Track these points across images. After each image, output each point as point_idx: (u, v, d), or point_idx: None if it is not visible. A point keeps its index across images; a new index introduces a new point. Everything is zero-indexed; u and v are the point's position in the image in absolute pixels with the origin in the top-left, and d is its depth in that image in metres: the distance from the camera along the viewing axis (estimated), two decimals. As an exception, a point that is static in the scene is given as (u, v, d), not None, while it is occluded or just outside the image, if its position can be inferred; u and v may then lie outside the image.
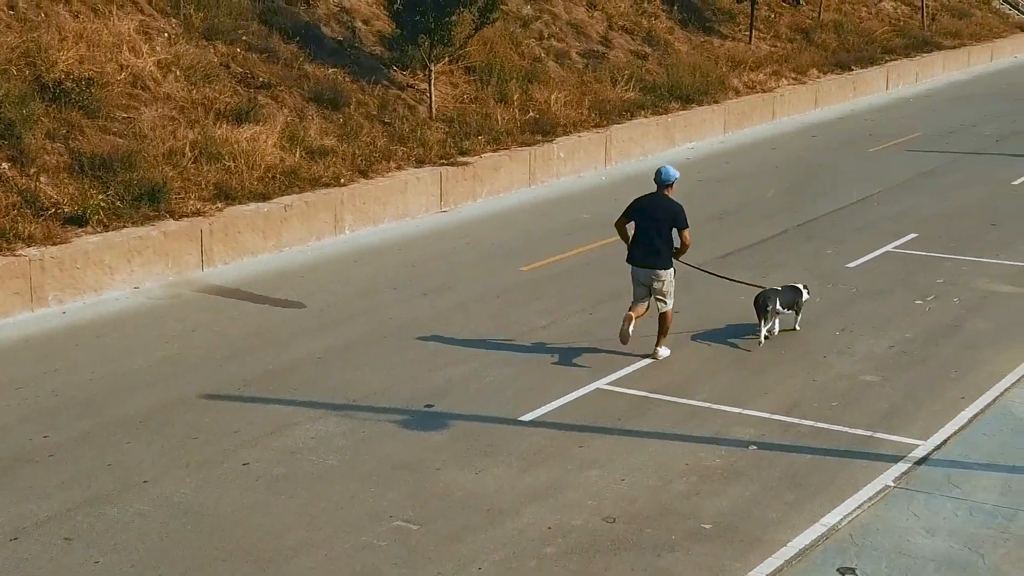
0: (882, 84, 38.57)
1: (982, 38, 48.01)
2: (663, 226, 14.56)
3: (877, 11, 47.06)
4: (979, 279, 17.99)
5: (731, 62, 35.08)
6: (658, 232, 14.55)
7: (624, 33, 33.90)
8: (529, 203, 23.27)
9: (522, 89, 27.67)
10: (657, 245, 14.57)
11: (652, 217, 14.63)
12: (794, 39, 40.02)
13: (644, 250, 14.62)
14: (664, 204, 14.72)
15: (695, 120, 29.68)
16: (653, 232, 14.55)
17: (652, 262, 14.54)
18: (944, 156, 27.65)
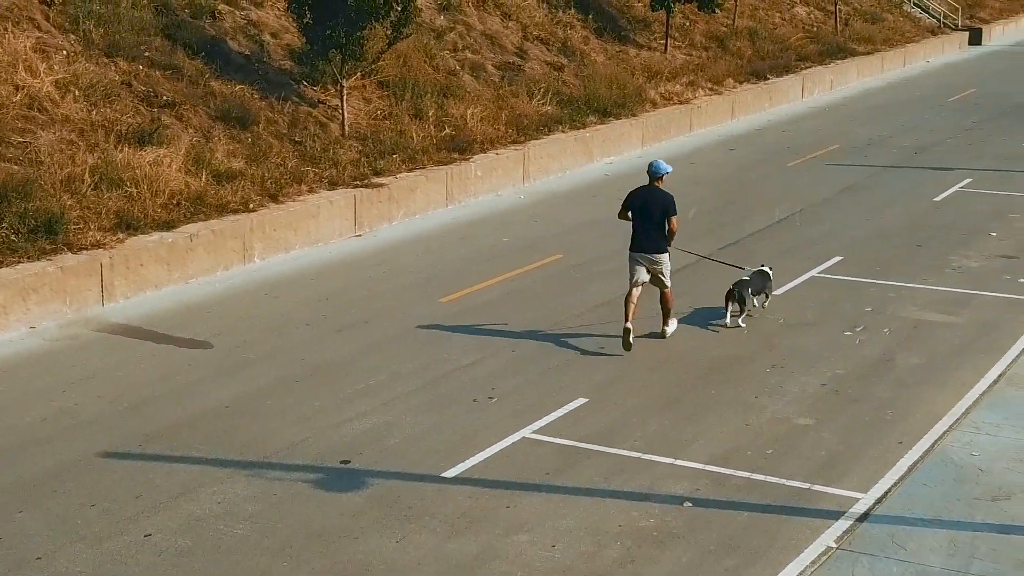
0: (797, 92, 38.42)
1: (895, 43, 48.20)
2: (657, 215, 15.94)
3: (791, 16, 47.02)
4: (908, 307, 17.63)
5: (647, 72, 34.68)
6: (654, 221, 15.96)
7: (540, 44, 33.33)
8: (447, 225, 22.56)
9: (437, 104, 26.97)
10: (654, 233, 16.01)
11: (647, 207, 16.03)
12: (709, 47, 39.76)
13: (643, 238, 16.07)
14: (657, 195, 16.11)
15: (613, 135, 29.17)
16: (649, 221, 15.97)
17: (651, 248, 16.02)
18: (864, 170, 27.41)
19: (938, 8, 57.78)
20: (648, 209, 16.00)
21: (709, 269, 18.66)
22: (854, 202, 24.34)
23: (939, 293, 18.28)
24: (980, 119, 34.67)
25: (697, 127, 32.76)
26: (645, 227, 16.05)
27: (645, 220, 16.05)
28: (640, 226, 16.09)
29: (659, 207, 15.94)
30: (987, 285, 18.64)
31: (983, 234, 21.74)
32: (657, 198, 16.04)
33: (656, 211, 15.95)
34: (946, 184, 25.85)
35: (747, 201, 24.39)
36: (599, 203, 24.29)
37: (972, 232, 21.85)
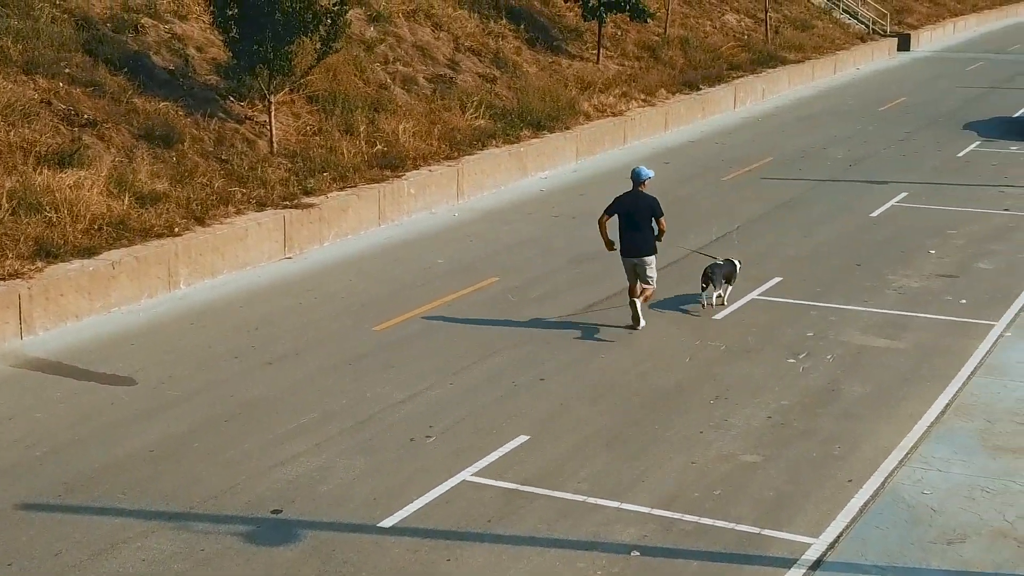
0: (730, 102, 38.28)
1: (825, 50, 48.28)
2: (644, 218, 16.90)
3: (721, 25, 46.95)
4: (850, 331, 17.37)
5: (580, 84, 34.34)
6: (641, 224, 16.89)
7: (472, 55, 32.86)
8: (380, 246, 22.01)
9: (368, 119, 26.42)
10: (641, 235, 16.94)
11: (633, 212, 16.94)
12: (641, 57, 39.52)
13: (631, 242, 16.98)
14: (642, 199, 17.02)
15: (547, 148, 28.76)
16: (636, 225, 16.89)
17: (639, 251, 16.94)
18: (800, 184, 27.23)
19: (867, 14, 58.08)
20: (635, 214, 16.93)
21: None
22: (790, 218, 24.12)
23: (881, 316, 18.05)
24: (912, 129, 34.70)
25: (631, 139, 32.46)
26: (632, 231, 16.98)
27: (632, 225, 16.96)
28: (627, 231, 17.01)
29: (646, 211, 16.92)
30: (928, 307, 18.44)
31: (922, 252, 21.58)
32: (644, 202, 16.99)
33: (644, 215, 16.93)
34: (882, 198, 25.72)
35: (684, 218, 24.06)
36: (534, 221, 23.87)
37: (910, 250, 21.68)
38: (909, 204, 25.28)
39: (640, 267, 17.06)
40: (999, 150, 31.42)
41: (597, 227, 17.59)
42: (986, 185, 27.07)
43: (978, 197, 25.93)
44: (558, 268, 20.62)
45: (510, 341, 16.93)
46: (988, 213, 24.43)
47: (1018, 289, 19.29)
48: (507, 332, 17.29)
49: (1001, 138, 33.09)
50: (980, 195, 26.12)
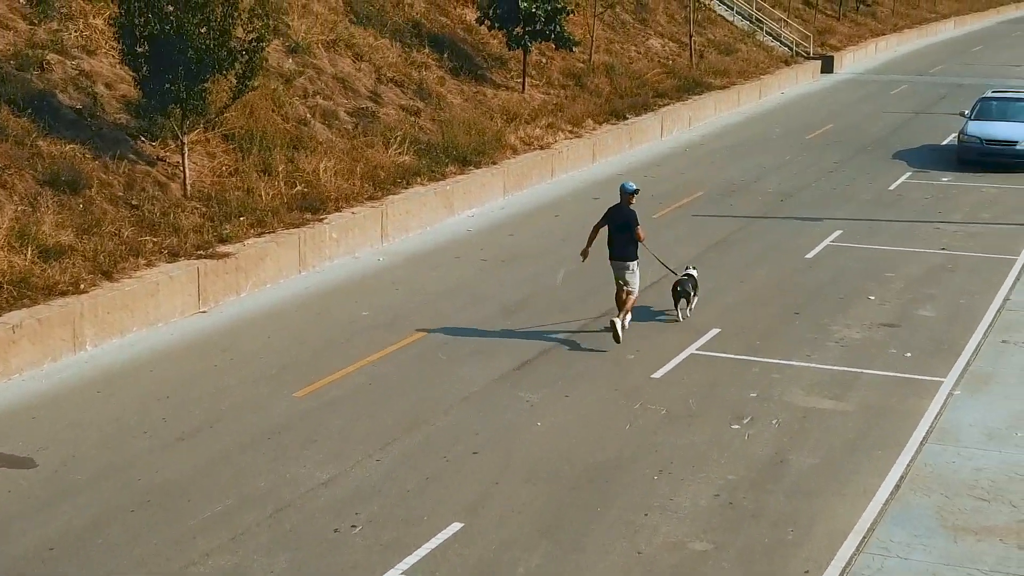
0: (657, 131, 37.70)
1: (750, 75, 47.98)
2: (626, 228, 18.89)
3: (646, 50, 46.48)
4: (794, 390, 16.67)
5: (506, 115, 33.56)
6: (625, 233, 18.89)
7: (394, 86, 31.93)
8: (301, 296, 20.99)
9: (287, 158, 25.39)
10: (625, 243, 18.88)
11: (619, 222, 18.99)
12: (567, 85, 38.85)
13: (618, 247, 18.91)
14: (625, 211, 19.09)
15: (474, 185, 27.89)
16: (621, 233, 18.91)
17: (624, 255, 18.83)
18: (731, 222, 26.61)
19: (790, 36, 57.99)
20: (620, 223, 18.98)
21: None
22: (724, 260, 23.46)
23: (824, 372, 17.38)
24: (841, 158, 34.31)
25: (559, 172, 31.71)
26: (618, 238, 18.97)
27: (618, 232, 18.97)
28: (614, 238, 19.00)
29: (628, 221, 18.93)
30: (873, 361, 17.81)
31: (860, 297, 21.00)
32: (626, 214, 19.01)
33: (627, 224, 18.93)
34: (816, 237, 25.17)
35: (616, 261, 23.32)
36: (462, 265, 22.98)
37: (850, 295, 21.09)
38: (844, 243, 24.74)
39: (622, 271, 18.83)
40: (931, 182, 31.08)
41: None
42: (920, 221, 26.63)
43: (913, 234, 25.47)
44: (489, 318, 19.74)
45: (440, 407, 16.02)
46: (925, 253, 23.95)
47: (962, 340, 18.73)
48: (436, 397, 16.37)
49: (932, 168, 32.79)
50: (915, 232, 25.66)
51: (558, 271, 22.48)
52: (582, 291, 21.29)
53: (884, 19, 73.65)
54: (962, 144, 32.96)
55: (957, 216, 27.20)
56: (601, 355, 18.03)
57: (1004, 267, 22.90)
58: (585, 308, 20.31)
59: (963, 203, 28.56)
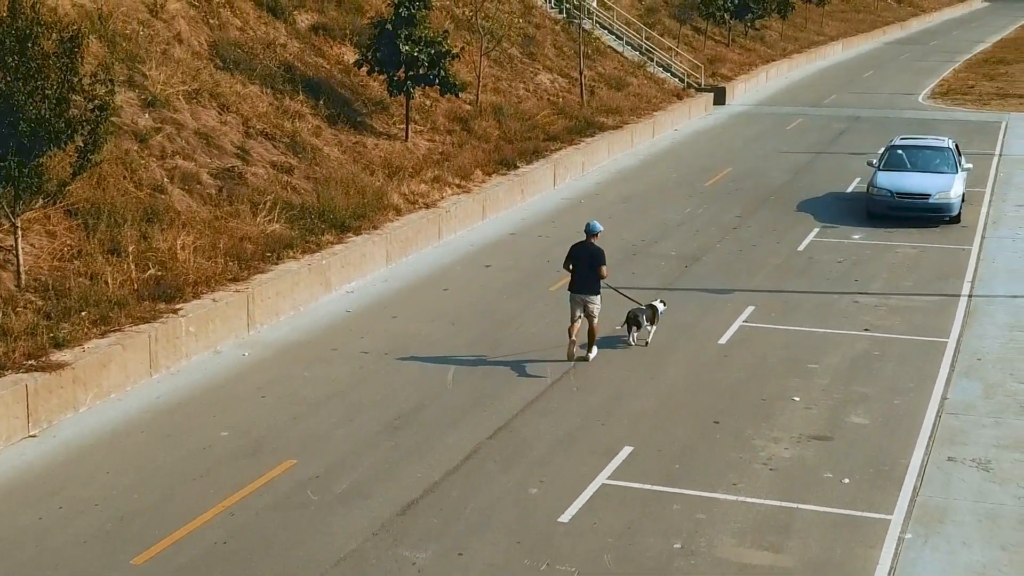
0: (549, 181, 35.46)
1: (642, 112, 46.08)
2: (591, 265, 20.13)
3: (535, 87, 44.31)
4: (724, 539, 14.38)
5: (388, 168, 31.07)
6: (589, 269, 20.13)
7: (264, 140, 29.22)
8: (150, 410, 18.22)
9: (140, 234, 22.61)
10: (588, 278, 20.17)
11: (583, 259, 20.25)
12: (453, 130, 36.48)
13: (580, 282, 20.19)
14: (591, 249, 20.31)
15: (353, 256, 25.28)
16: (584, 269, 20.14)
17: (586, 290, 20.16)
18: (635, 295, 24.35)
19: (681, 67, 56.31)
20: (584, 260, 20.19)
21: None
22: (628, 351, 21.16)
23: (755, 509, 15.13)
24: (744, 211, 32.39)
25: (447, 234, 29.25)
26: (581, 274, 20.17)
27: (581, 268, 20.18)
28: (578, 273, 20.20)
29: (592, 259, 20.16)
30: (809, 492, 15.61)
31: (784, 399, 18.87)
32: (591, 252, 20.26)
33: (591, 262, 20.14)
34: (727, 315, 23.06)
35: (509, 352, 20.93)
36: (340, 360, 20.39)
37: (772, 396, 18.95)
38: (758, 324, 22.65)
39: (585, 304, 20.16)
40: (841, 240, 29.24)
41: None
42: (837, 293, 24.68)
43: (832, 310, 23.49)
44: (369, 439, 17.19)
45: (314, 572, 13.41)
46: (847, 336, 21.95)
47: (903, 458, 16.67)
48: (305, 559, 13.77)
49: (840, 223, 30.99)
50: (833, 308, 23.69)
51: (449, 370, 20.00)
52: (477, 393, 18.88)
53: (773, 43, 72.58)
54: (871, 197, 31.19)
55: (876, 285, 25.31)
56: (501, 488, 15.58)
57: (935, 353, 20.98)
58: (481, 418, 17.86)
59: (880, 267, 26.71)
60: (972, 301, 24.04)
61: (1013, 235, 29.54)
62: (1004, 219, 31.28)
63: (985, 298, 24.22)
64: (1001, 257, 27.47)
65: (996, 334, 21.95)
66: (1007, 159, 40.44)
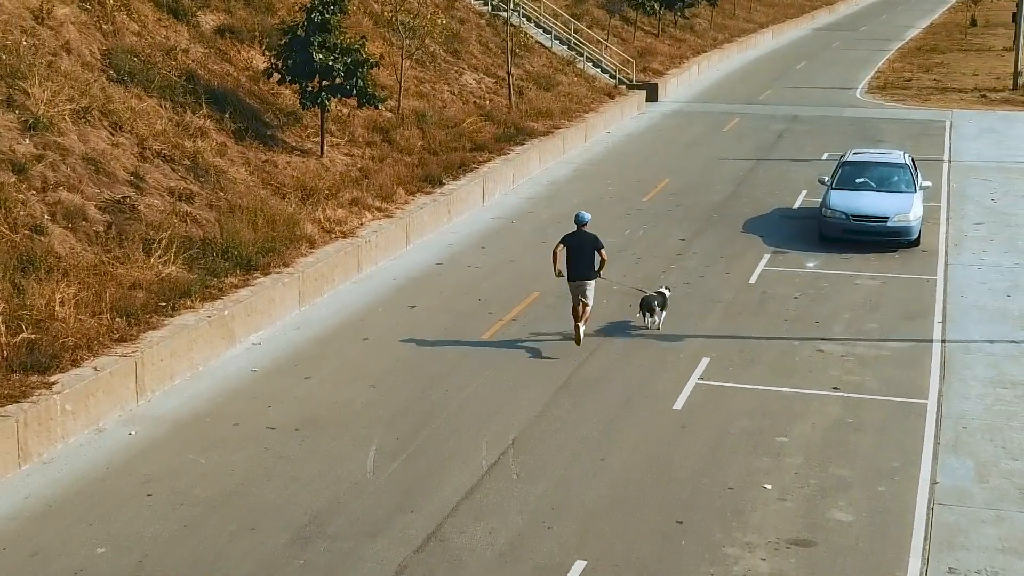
0: (478, 197, 32.88)
1: (573, 115, 43.62)
2: (588, 251, 21.13)
3: (460, 89, 41.67)
4: None
5: (302, 191, 28.30)
6: (585, 256, 21.12)
7: (163, 162, 26.33)
8: (16, 516, 15.43)
9: (12, 287, 19.72)
10: (585, 265, 21.17)
11: (580, 246, 21.18)
12: (373, 141, 33.78)
13: (578, 269, 21.18)
14: (587, 237, 21.28)
15: (261, 301, 22.54)
16: (581, 256, 21.10)
17: (583, 276, 21.16)
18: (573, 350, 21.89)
19: (611, 62, 53.92)
20: (581, 247, 21.20)
21: None
22: (574, 420, 18.71)
23: (735, 651, 12.75)
24: (688, 234, 30.07)
25: (367, 265, 26.58)
26: (578, 260, 21.20)
27: (578, 255, 21.18)
28: (574, 260, 21.22)
29: (590, 246, 21.20)
30: (795, 624, 13.27)
31: (754, 485, 16.51)
32: (588, 239, 21.29)
33: (587, 249, 21.15)
34: (681, 370, 20.70)
35: (439, 425, 18.38)
36: (242, 440, 17.69)
37: (740, 484, 16.56)
38: (715, 381, 20.29)
39: (583, 288, 21.19)
40: (795, 269, 26.98)
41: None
42: (798, 339, 22.39)
43: (795, 361, 21.20)
44: (274, 557, 14.56)
45: None
46: (815, 396, 19.65)
47: (897, 569, 14.36)
48: None
49: (791, 247, 28.76)
50: (796, 357, 21.40)
51: (369, 452, 17.41)
52: (402, 484, 16.30)
53: (703, 33, 70.51)
54: (825, 219, 28.93)
55: (839, 327, 23.05)
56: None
57: (914, 419, 18.75)
58: (406, 522, 15.29)
59: (840, 304, 24.48)
60: (946, 348, 21.87)
61: (978, 261, 27.47)
62: (965, 241, 29.22)
63: (959, 344, 22.07)
64: (969, 290, 25.37)
65: (978, 393, 19.78)
66: (957, 166, 38.53)
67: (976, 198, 33.90)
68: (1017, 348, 21.81)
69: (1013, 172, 37.60)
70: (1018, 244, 28.94)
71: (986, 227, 30.53)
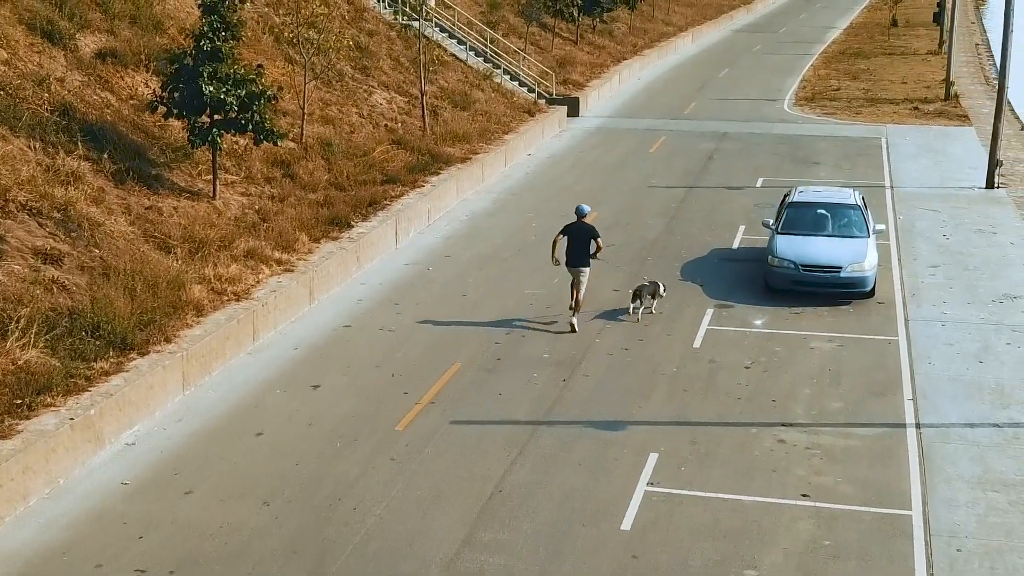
0: (390, 239, 29.88)
1: (492, 137, 40.74)
2: (584, 241, 23.75)
3: (370, 110, 38.58)
4: None
5: (190, 242, 25.09)
6: (583, 245, 23.78)
7: (28, 217, 23.04)
8: None
9: None
10: (582, 253, 23.83)
11: (578, 235, 23.84)
12: (273, 177, 30.62)
13: (575, 256, 23.84)
14: (584, 227, 23.89)
15: (136, 392, 19.38)
16: (579, 245, 23.78)
17: (580, 263, 23.84)
18: (504, 441, 19.06)
19: (529, 74, 51.12)
20: (579, 237, 23.74)
21: None
22: (503, 554, 15.84)
23: None
24: (621, 282, 27.31)
25: (265, 331, 23.50)
26: (576, 248, 23.75)
27: (576, 243, 23.72)
28: (573, 248, 23.75)
29: (586, 235, 23.70)
30: None
31: (724, 644, 13.75)
32: (585, 230, 23.75)
33: (584, 239, 23.69)
34: (626, 475, 17.93)
35: (341, 566, 15.41)
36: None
37: (707, 641, 13.82)
38: (667, 488, 17.53)
39: (579, 274, 23.66)
40: (742, 330, 24.35)
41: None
42: (756, 425, 19.72)
43: (754, 458, 18.52)
44: None
45: None
46: (784, 509, 16.96)
47: None
48: None
49: (736, 299, 26.14)
50: (755, 451, 18.73)
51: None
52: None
53: (622, 38, 68.04)
54: (771, 269, 26.30)
55: (799, 408, 20.43)
56: None
57: (900, 538, 16.15)
58: None
59: (798, 376, 21.87)
60: (922, 436, 19.33)
61: (940, 316, 25.05)
62: (923, 290, 26.80)
63: (936, 430, 19.54)
64: (936, 354, 22.91)
65: (968, 499, 17.24)
66: (901, 194, 36.26)
67: (926, 234, 31.58)
68: (1000, 434, 19.34)
69: (959, 201, 35.41)
70: (979, 292, 26.59)
71: (942, 271, 28.17)
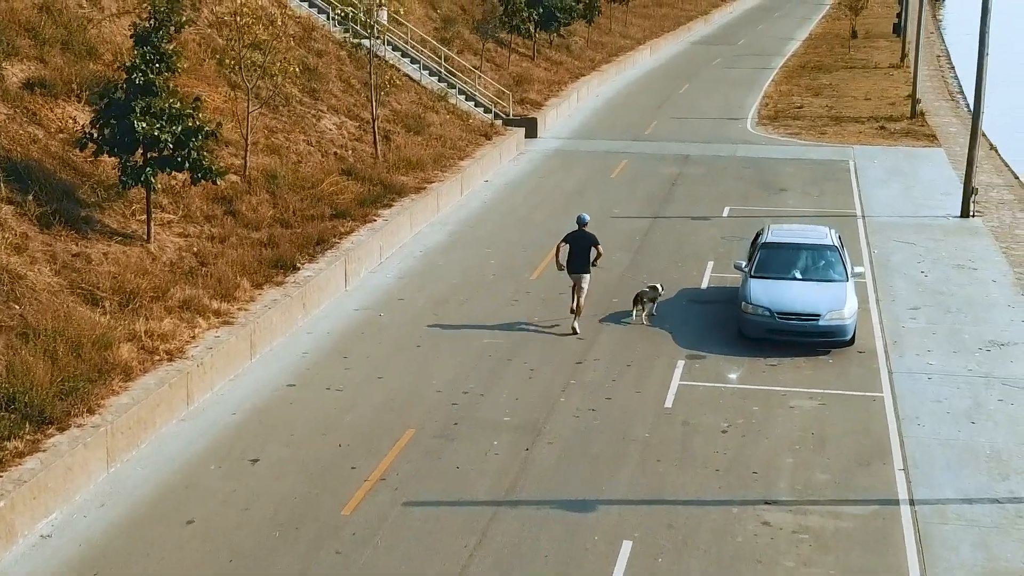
0: (339, 281, 28.04)
1: (447, 163, 38.97)
2: (585, 248, 24.94)
3: (319, 136, 36.73)
4: None
5: (120, 295, 23.20)
6: (584, 252, 24.94)
7: (-62, 272, 20.99)
8: None
9: None
10: (582, 260, 24.96)
11: (579, 243, 25.01)
12: (214, 215, 28.71)
13: (577, 263, 25.00)
14: (585, 235, 25.07)
15: (53, 476, 17.47)
16: (580, 252, 24.94)
17: (581, 270, 24.96)
18: (463, 521, 17.32)
19: (485, 94, 49.39)
20: (580, 244, 25.00)
21: None
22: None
23: None
24: (586, 328, 25.61)
25: (200, 394, 21.63)
26: (577, 255, 25.00)
27: (577, 251, 25.01)
28: (574, 255, 24.99)
29: (588, 243, 24.95)
30: None
31: None
32: (586, 238, 25.02)
33: (585, 246, 24.94)
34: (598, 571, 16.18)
35: None
36: None
37: None
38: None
39: (580, 280, 24.96)
40: (717, 385, 22.72)
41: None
42: (737, 504, 18.07)
43: (738, 545, 16.85)
44: None
45: None
46: (772, 609, 15.31)
47: None
48: None
49: (707, 348, 24.52)
50: (738, 536, 17.07)
51: None
52: None
53: (580, 53, 66.45)
54: (746, 316, 24.66)
55: (782, 482, 18.80)
56: None
57: (902, 647, 14.51)
58: None
59: (779, 442, 20.24)
60: (917, 515, 17.75)
61: (925, 367, 23.53)
62: (905, 337, 25.28)
63: (932, 507, 17.96)
64: (925, 413, 21.37)
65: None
66: (873, 224, 34.83)
67: (903, 270, 30.11)
68: (1002, 512, 17.79)
69: (935, 231, 34.01)
70: (964, 339, 25.10)
71: (924, 314, 26.67)
